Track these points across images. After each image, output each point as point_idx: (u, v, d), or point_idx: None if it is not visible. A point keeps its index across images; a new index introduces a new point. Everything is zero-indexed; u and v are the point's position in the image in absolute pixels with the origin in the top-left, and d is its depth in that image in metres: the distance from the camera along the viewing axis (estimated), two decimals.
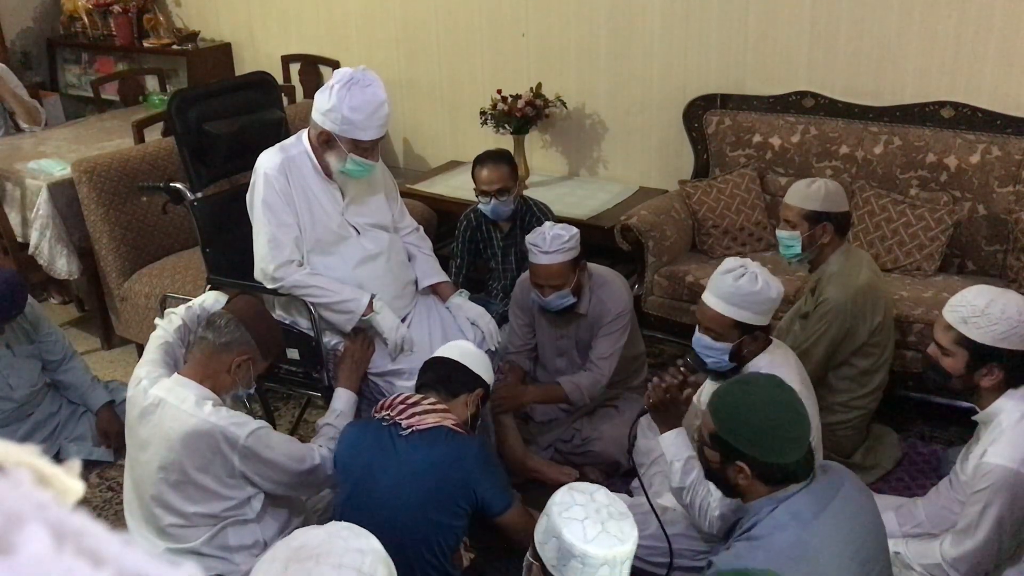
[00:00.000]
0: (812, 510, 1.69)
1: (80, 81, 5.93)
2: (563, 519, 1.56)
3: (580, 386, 2.86)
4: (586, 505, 1.58)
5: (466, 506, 2.08)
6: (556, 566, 1.55)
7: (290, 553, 1.43)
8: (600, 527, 1.54)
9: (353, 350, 2.61)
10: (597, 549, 1.52)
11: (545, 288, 2.79)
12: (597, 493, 1.63)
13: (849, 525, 1.71)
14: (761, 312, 2.22)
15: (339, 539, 1.44)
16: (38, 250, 3.73)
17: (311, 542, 1.44)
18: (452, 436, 2.09)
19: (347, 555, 1.41)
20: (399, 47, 4.85)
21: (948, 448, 2.97)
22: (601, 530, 1.54)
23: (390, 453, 2.08)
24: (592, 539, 1.52)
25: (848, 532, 1.70)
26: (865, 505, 1.78)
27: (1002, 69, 3.36)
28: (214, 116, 2.87)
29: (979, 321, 2.05)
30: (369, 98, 2.41)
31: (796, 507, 1.70)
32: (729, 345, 2.24)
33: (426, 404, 2.14)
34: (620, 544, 1.54)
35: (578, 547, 1.52)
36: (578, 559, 1.52)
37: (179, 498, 2.12)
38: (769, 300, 2.21)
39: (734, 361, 2.27)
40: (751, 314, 2.21)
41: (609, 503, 1.61)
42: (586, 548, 1.52)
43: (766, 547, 1.67)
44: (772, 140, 3.72)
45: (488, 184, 3.18)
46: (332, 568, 1.38)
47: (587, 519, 1.55)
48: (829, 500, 1.71)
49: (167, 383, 2.15)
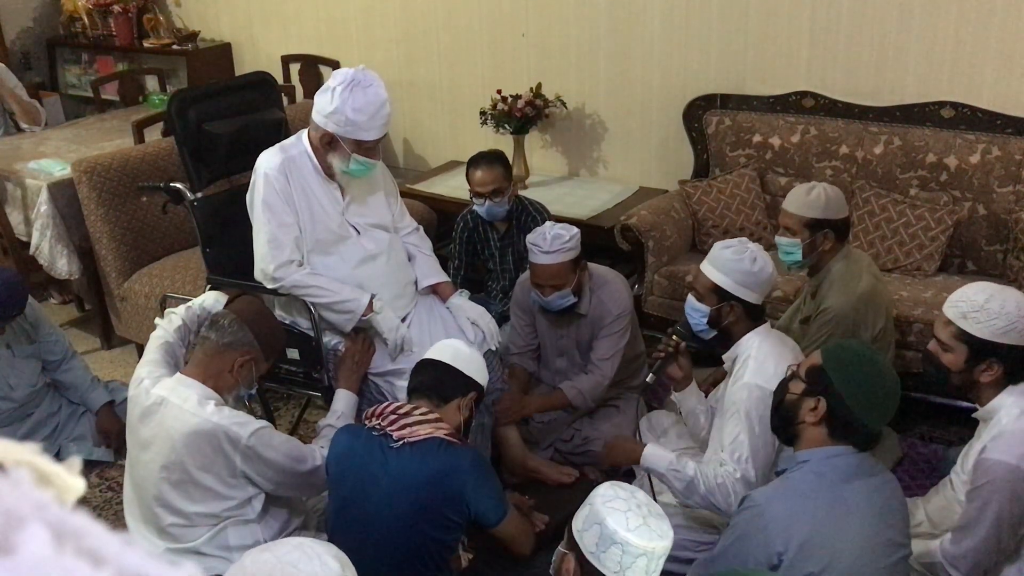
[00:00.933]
0: (855, 472, 1.79)
1: (80, 81, 5.93)
2: (607, 508, 1.60)
3: (582, 390, 2.86)
4: (628, 499, 1.63)
5: (459, 519, 2.05)
6: (595, 553, 1.59)
7: None
8: (642, 520, 1.59)
9: (354, 351, 2.61)
10: (639, 539, 1.56)
11: (546, 288, 2.79)
12: (638, 493, 1.68)
13: (885, 503, 1.79)
14: (742, 283, 2.32)
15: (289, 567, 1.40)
16: (38, 250, 3.73)
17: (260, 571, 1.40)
18: (445, 448, 2.04)
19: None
20: (399, 47, 4.85)
21: (948, 448, 2.97)
22: (643, 523, 1.59)
23: (381, 466, 2.04)
24: (634, 529, 1.57)
25: (882, 508, 1.77)
26: (900, 499, 1.86)
27: (1002, 69, 3.36)
28: (214, 116, 2.87)
29: (978, 316, 2.06)
30: (371, 98, 2.41)
31: (841, 463, 1.80)
32: (707, 308, 2.37)
33: (417, 415, 2.08)
34: (660, 539, 1.58)
35: (621, 534, 1.56)
36: (619, 546, 1.56)
37: (180, 497, 2.12)
38: (750, 274, 2.31)
39: (714, 328, 2.39)
40: (732, 282, 2.32)
41: (648, 503, 1.66)
42: (628, 536, 1.56)
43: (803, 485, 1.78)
44: (772, 140, 3.72)
45: (482, 185, 3.18)
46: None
47: (630, 511, 1.60)
48: (872, 474, 1.81)
49: (169, 382, 2.15)
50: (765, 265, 2.33)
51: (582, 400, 2.87)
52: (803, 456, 1.85)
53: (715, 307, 2.36)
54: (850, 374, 1.80)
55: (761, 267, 2.32)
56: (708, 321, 2.38)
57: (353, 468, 2.08)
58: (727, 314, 2.35)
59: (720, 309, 2.36)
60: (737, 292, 2.33)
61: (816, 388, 1.84)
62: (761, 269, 2.32)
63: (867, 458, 1.84)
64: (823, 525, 1.72)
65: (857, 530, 1.72)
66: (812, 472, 1.80)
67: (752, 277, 2.32)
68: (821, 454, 1.82)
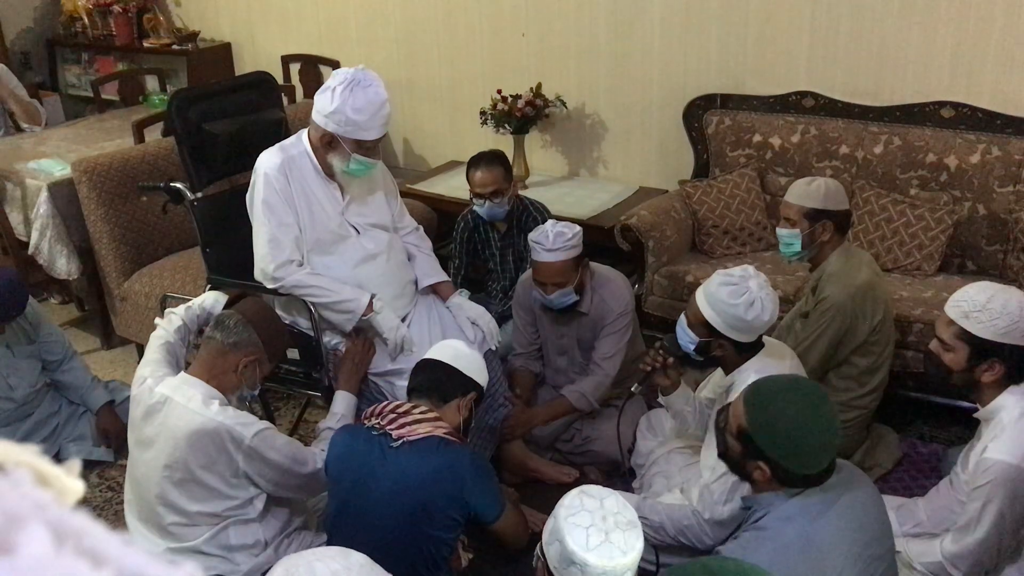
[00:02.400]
0: (821, 506, 1.70)
1: (80, 81, 5.93)
2: (568, 524, 1.54)
3: (584, 393, 2.86)
4: (594, 512, 1.55)
5: (459, 518, 2.06)
6: (558, 568, 1.55)
7: None
8: (604, 536, 1.52)
9: (354, 352, 2.61)
10: (597, 559, 1.50)
11: (548, 286, 2.79)
12: (608, 499, 1.60)
13: (857, 522, 1.72)
14: (732, 326, 2.22)
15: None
16: (38, 250, 3.73)
17: None
18: (444, 447, 2.05)
19: None
20: (399, 47, 4.85)
21: (948, 448, 2.97)
22: (604, 539, 1.51)
23: (380, 465, 2.04)
24: (594, 548, 1.50)
25: (856, 528, 1.71)
26: (874, 503, 1.79)
27: (1002, 69, 3.36)
28: (214, 116, 2.87)
29: (980, 316, 2.06)
30: (372, 98, 2.41)
31: (806, 501, 1.72)
32: (696, 338, 2.30)
33: (416, 413, 2.08)
34: (622, 556, 1.51)
35: (579, 554, 1.50)
36: (578, 566, 1.51)
37: (183, 496, 2.12)
38: (742, 320, 2.20)
39: (702, 356, 2.33)
40: (722, 322, 2.23)
41: (618, 511, 1.58)
42: (586, 556, 1.50)
43: (773, 538, 1.69)
44: (772, 140, 3.72)
45: (482, 187, 3.18)
46: None
47: (592, 526, 1.53)
48: (839, 496, 1.72)
49: (173, 381, 2.15)
50: (761, 312, 2.18)
51: (585, 403, 2.87)
52: (766, 500, 1.77)
53: (703, 339, 2.29)
54: (774, 439, 1.70)
55: (756, 315, 2.18)
56: (695, 349, 2.32)
57: (353, 468, 2.08)
58: (715, 347, 2.29)
59: (709, 343, 2.29)
60: (727, 333, 2.24)
61: (751, 453, 1.75)
62: (756, 317, 2.18)
63: (829, 483, 1.75)
64: (801, 573, 1.65)
65: (834, 565, 1.67)
66: (780, 519, 1.72)
67: (743, 324, 2.20)
68: (782, 496, 1.75)
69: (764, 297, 2.20)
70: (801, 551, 1.65)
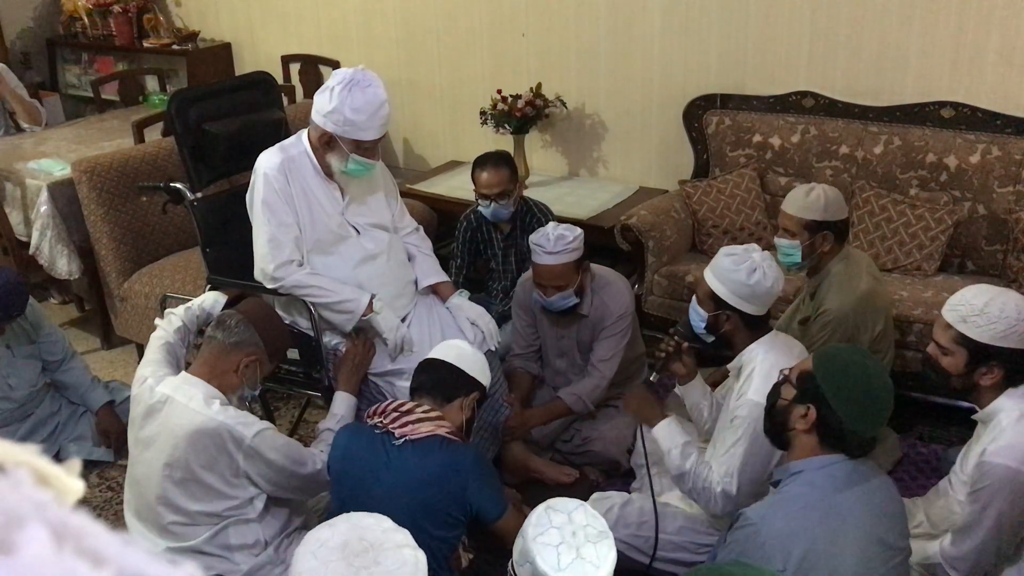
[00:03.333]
0: (847, 480, 1.76)
1: (80, 81, 5.93)
2: (538, 544, 1.51)
3: (581, 395, 2.86)
4: (562, 528, 1.52)
5: (460, 516, 2.06)
6: None
7: (340, 554, 1.47)
8: (575, 553, 1.49)
9: (354, 353, 2.61)
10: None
11: (548, 289, 2.79)
12: (576, 512, 1.56)
13: (881, 507, 1.77)
14: (737, 293, 2.27)
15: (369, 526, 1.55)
16: (38, 250, 3.73)
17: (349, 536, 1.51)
18: (447, 446, 2.05)
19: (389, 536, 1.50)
20: (399, 47, 4.85)
21: (948, 448, 2.96)
22: (576, 556, 1.49)
23: (383, 463, 2.05)
24: (566, 567, 1.47)
25: (878, 513, 1.76)
26: (895, 500, 1.84)
27: (1002, 69, 3.36)
28: (214, 116, 2.87)
29: (978, 320, 2.05)
30: (370, 99, 2.41)
31: (834, 472, 1.78)
32: (706, 313, 2.34)
33: (419, 412, 2.09)
34: (595, 570, 1.49)
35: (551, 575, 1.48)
36: None
37: (183, 496, 2.13)
38: (745, 286, 2.26)
39: (713, 334, 2.37)
40: (728, 291, 2.28)
41: (587, 523, 1.55)
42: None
43: (796, 499, 1.75)
44: (772, 140, 3.72)
45: (488, 188, 3.18)
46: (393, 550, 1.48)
47: (562, 544, 1.50)
48: (865, 479, 1.79)
49: (174, 381, 2.16)
50: (763, 279, 2.24)
51: (582, 405, 2.87)
52: (795, 467, 1.82)
53: (712, 313, 2.33)
54: (840, 382, 1.77)
55: (758, 280, 2.24)
56: (706, 326, 2.37)
57: (355, 466, 2.09)
58: (724, 322, 2.32)
59: (717, 316, 2.33)
60: (733, 302, 2.28)
61: (806, 395, 1.81)
62: (758, 283, 2.24)
63: (860, 463, 1.82)
64: (820, 538, 1.69)
65: (854, 539, 1.70)
66: (805, 484, 1.77)
67: (747, 289, 2.25)
68: (814, 464, 1.79)
69: (766, 266, 2.28)
70: (822, 515, 1.71)
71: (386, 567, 1.45)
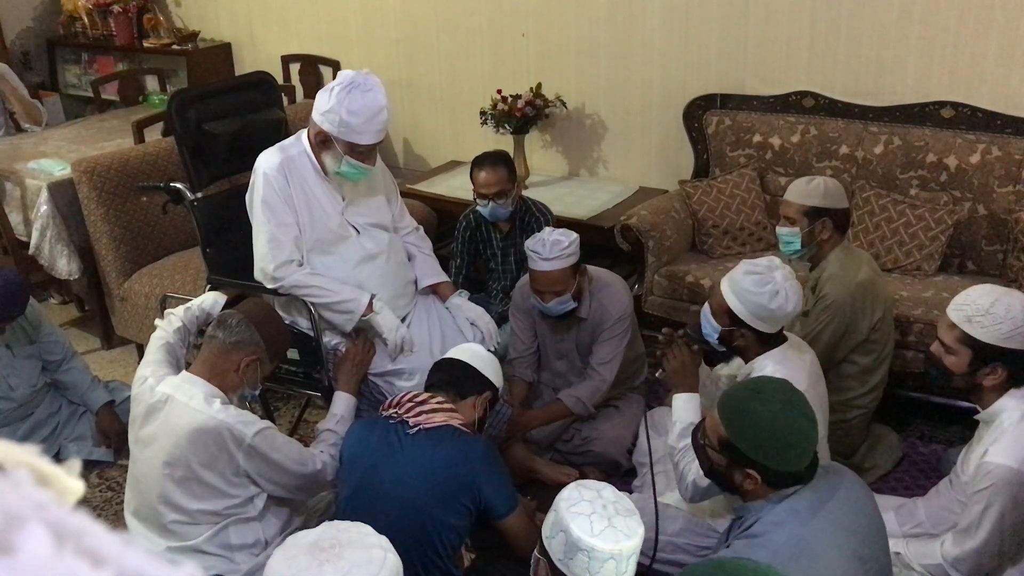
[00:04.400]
0: (811, 508, 1.70)
1: (80, 81, 5.93)
2: (571, 513, 1.57)
3: (581, 398, 2.86)
4: (593, 501, 1.59)
5: (470, 505, 2.08)
6: (563, 559, 1.57)
7: (307, 548, 1.46)
8: (607, 522, 1.56)
9: (354, 353, 2.61)
10: (603, 543, 1.53)
11: (545, 294, 2.78)
12: (604, 490, 1.64)
13: (848, 522, 1.72)
14: (756, 315, 2.22)
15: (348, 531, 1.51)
16: (38, 250, 3.73)
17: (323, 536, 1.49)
18: (459, 435, 2.10)
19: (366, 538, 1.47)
20: (399, 47, 4.85)
21: (948, 448, 2.97)
22: (608, 525, 1.55)
23: (396, 451, 2.09)
24: (599, 533, 1.54)
25: (847, 529, 1.71)
26: (865, 503, 1.78)
27: (1002, 69, 3.36)
28: (214, 116, 2.87)
29: (983, 320, 2.05)
30: (369, 102, 2.41)
31: (796, 505, 1.72)
32: (719, 327, 2.29)
33: (434, 403, 2.15)
34: (627, 539, 1.55)
35: (585, 540, 1.54)
36: (585, 552, 1.54)
37: (183, 495, 2.13)
38: (766, 309, 2.19)
39: (724, 346, 2.32)
40: (746, 311, 2.22)
41: (616, 500, 1.62)
42: (593, 542, 1.53)
43: (765, 544, 1.69)
44: (772, 140, 3.72)
45: (486, 187, 3.17)
46: (360, 549, 1.44)
47: (594, 514, 1.57)
48: (828, 498, 1.72)
49: (175, 380, 2.16)
50: (785, 303, 2.18)
51: (582, 407, 2.87)
52: (756, 507, 1.77)
53: (727, 328, 2.29)
54: (756, 441, 1.70)
55: (780, 305, 2.18)
56: (719, 338, 2.32)
57: (368, 452, 2.13)
58: (738, 337, 2.28)
59: (732, 331, 2.28)
60: (750, 322, 2.23)
61: (739, 462, 1.75)
62: (780, 307, 2.18)
63: (819, 481, 1.75)
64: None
65: (827, 568, 1.66)
66: (770, 524, 1.72)
67: (767, 312, 2.19)
68: (772, 501, 1.74)
69: (788, 288, 2.20)
70: (793, 555, 1.65)
71: (350, 560, 1.46)
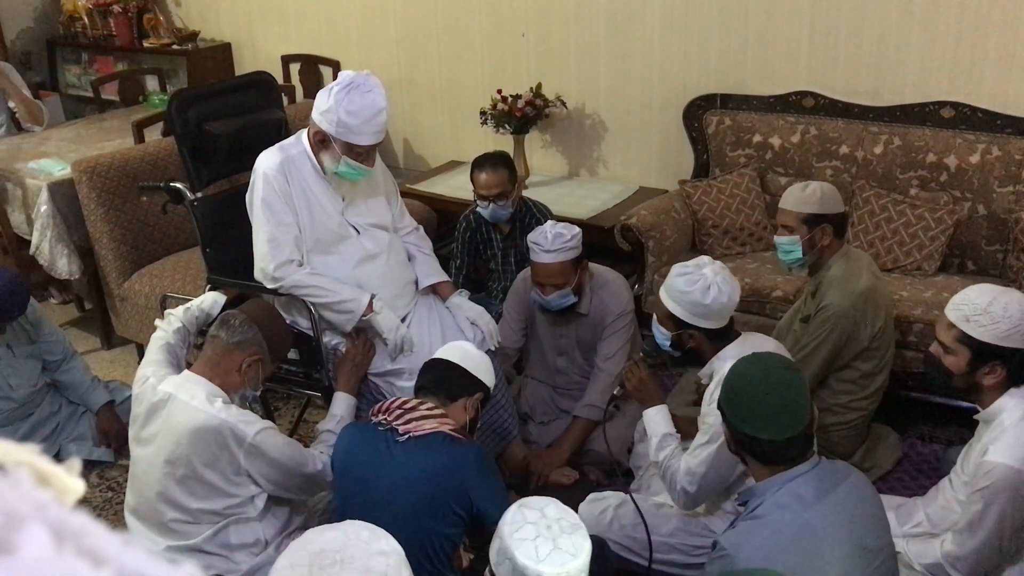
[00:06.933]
0: (815, 494, 1.71)
1: (80, 81, 5.93)
2: (515, 540, 1.53)
3: (593, 403, 2.88)
4: (537, 523, 1.55)
5: (462, 513, 2.06)
6: None
7: (310, 559, 1.40)
8: (552, 544, 1.52)
9: (354, 353, 2.61)
10: (551, 568, 1.49)
11: (546, 287, 2.79)
12: (548, 508, 1.60)
13: (853, 512, 1.72)
14: (695, 313, 2.25)
15: (360, 541, 1.42)
16: (39, 250, 3.73)
17: (331, 546, 1.41)
18: (450, 442, 2.06)
19: (372, 559, 1.39)
20: (399, 47, 4.85)
21: (948, 448, 2.96)
22: (553, 547, 1.51)
23: (386, 459, 2.05)
24: (544, 558, 1.50)
25: (851, 519, 1.71)
26: (870, 498, 1.79)
27: (1002, 69, 3.36)
28: (214, 116, 2.87)
29: (981, 319, 2.05)
30: (367, 103, 2.40)
31: (799, 489, 1.73)
32: (668, 333, 2.34)
33: (423, 409, 2.10)
34: (572, 559, 1.51)
35: (532, 568, 1.50)
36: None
37: (184, 493, 2.13)
38: (701, 305, 2.22)
39: (678, 351, 2.36)
40: (685, 312, 2.26)
41: (560, 516, 1.58)
42: (540, 568, 1.49)
43: (767, 525, 1.70)
44: (772, 140, 3.72)
45: (486, 189, 3.18)
46: (358, 574, 1.36)
47: (539, 537, 1.52)
48: (834, 487, 1.73)
49: (177, 379, 2.17)
50: (719, 295, 2.21)
51: (598, 412, 2.88)
52: (759, 489, 1.78)
53: (674, 333, 2.32)
54: (738, 401, 1.76)
55: (715, 298, 2.20)
56: (671, 344, 2.36)
57: (359, 462, 2.10)
58: (688, 339, 2.31)
59: (681, 335, 2.31)
60: (693, 322, 2.26)
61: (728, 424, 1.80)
62: (714, 299, 2.20)
63: (825, 469, 1.77)
64: (796, 561, 1.65)
65: (831, 554, 1.66)
66: (774, 506, 1.73)
67: (704, 308, 2.23)
68: (774, 484, 1.75)
69: (720, 281, 2.23)
70: (795, 537, 1.67)
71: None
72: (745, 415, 1.75)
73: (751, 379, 1.77)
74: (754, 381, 1.76)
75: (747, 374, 1.78)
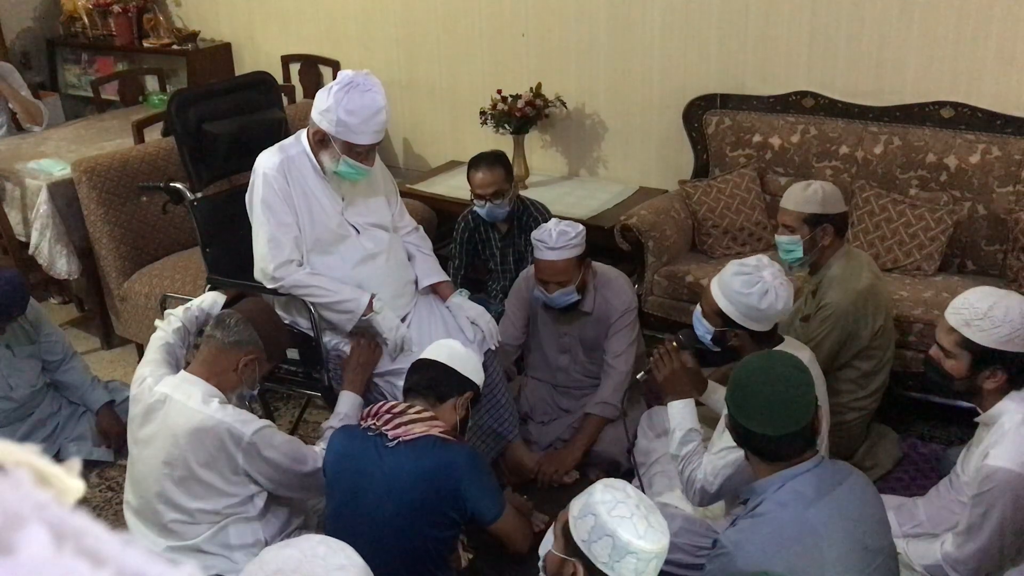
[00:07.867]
0: (816, 492, 1.71)
1: (80, 81, 5.93)
2: (614, 518, 1.58)
3: (607, 401, 2.88)
4: (627, 502, 1.61)
5: (456, 515, 2.06)
6: (608, 563, 1.57)
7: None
8: (646, 522, 1.58)
9: (360, 353, 2.61)
10: (650, 544, 1.56)
11: (550, 284, 2.80)
12: (629, 488, 1.66)
13: (854, 511, 1.72)
14: (747, 315, 2.24)
15: (317, 558, 1.39)
16: (38, 250, 3.73)
17: (287, 565, 1.38)
18: (440, 446, 2.05)
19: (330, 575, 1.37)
20: (399, 47, 4.85)
21: (948, 448, 2.96)
22: (648, 525, 1.58)
23: (376, 465, 2.04)
24: (643, 535, 1.56)
25: (852, 518, 1.71)
26: (871, 498, 1.79)
27: (1002, 69, 3.36)
28: (214, 116, 2.87)
29: (982, 324, 2.04)
30: (367, 103, 2.40)
31: (800, 487, 1.73)
32: (712, 328, 2.32)
33: (412, 413, 2.08)
34: (663, 537, 1.58)
35: (635, 543, 1.55)
36: (635, 555, 1.56)
37: (183, 494, 2.13)
38: (756, 310, 2.22)
39: (719, 347, 2.35)
40: (737, 312, 2.25)
41: (639, 497, 1.64)
42: (641, 544, 1.55)
43: (768, 523, 1.71)
44: (772, 140, 3.72)
45: (482, 188, 3.18)
46: None
47: (634, 515, 1.58)
48: (835, 486, 1.74)
49: (174, 380, 2.16)
50: (775, 301, 2.20)
51: (611, 409, 2.88)
52: (759, 487, 1.79)
53: (719, 329, 2.31)
54: (734, 392, 1.78)
55: (770, 303, 2.20)
56: (712, 339, 2.34)
57: (349, 468, 2.09)
58: (731, 338, 2.30)
59: (725, 332, 2.30)
60: (742, 322, 2.25)
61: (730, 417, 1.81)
62: (770, 306, 2.20)
63: (826, 468, 1.77)
64: (796, 559, 1.66)
65: (831, 553, 1.67)
66: (775, 504, 1.73)
67: (758, 312, 2.22)
68: (774, 482, 1.76)
69: (778, 286, 2.22)
70: (796, 535, 1.67)
71: None
72: (744, 408, 1.76)
73: (754, 373, 1.78)
74: (757, 375, 1.77)
75: (752, 368, 1.79)
